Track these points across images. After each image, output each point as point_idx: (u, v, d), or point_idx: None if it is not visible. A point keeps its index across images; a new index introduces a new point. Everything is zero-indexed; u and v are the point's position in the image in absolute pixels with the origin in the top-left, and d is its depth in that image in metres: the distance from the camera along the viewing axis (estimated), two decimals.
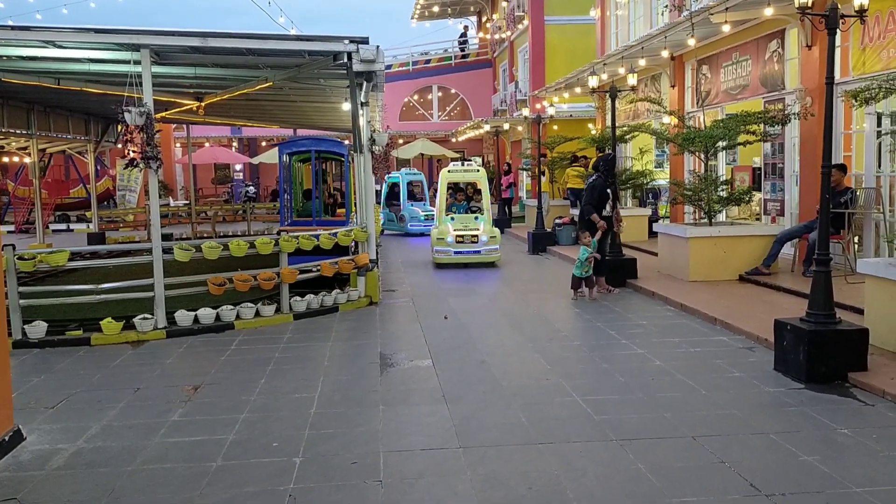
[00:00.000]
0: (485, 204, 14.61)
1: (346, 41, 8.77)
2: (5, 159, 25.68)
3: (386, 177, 22.34)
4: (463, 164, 15.01)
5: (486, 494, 4.21)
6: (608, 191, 10.77)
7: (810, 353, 6.03)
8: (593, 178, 10.90)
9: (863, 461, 4.54)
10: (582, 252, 10.13)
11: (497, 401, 5.92)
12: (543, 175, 18.38)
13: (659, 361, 6.93)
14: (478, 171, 14.87)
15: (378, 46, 8.80)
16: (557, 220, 16.68)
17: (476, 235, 13.44)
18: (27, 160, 20.74)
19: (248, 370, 6.98)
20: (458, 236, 13.40)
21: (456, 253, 13.39)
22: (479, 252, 13.41)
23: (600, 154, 13.50)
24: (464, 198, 16.41)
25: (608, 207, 10.78)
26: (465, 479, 4.42)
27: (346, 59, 8.86)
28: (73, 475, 4.62)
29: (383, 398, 6.03)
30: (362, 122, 9.79)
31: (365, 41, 8.75)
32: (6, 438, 4.97)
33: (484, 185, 14.74)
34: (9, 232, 23.62)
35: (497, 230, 14.05)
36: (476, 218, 14.12)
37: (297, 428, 5.36)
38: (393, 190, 21.66)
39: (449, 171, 14.75)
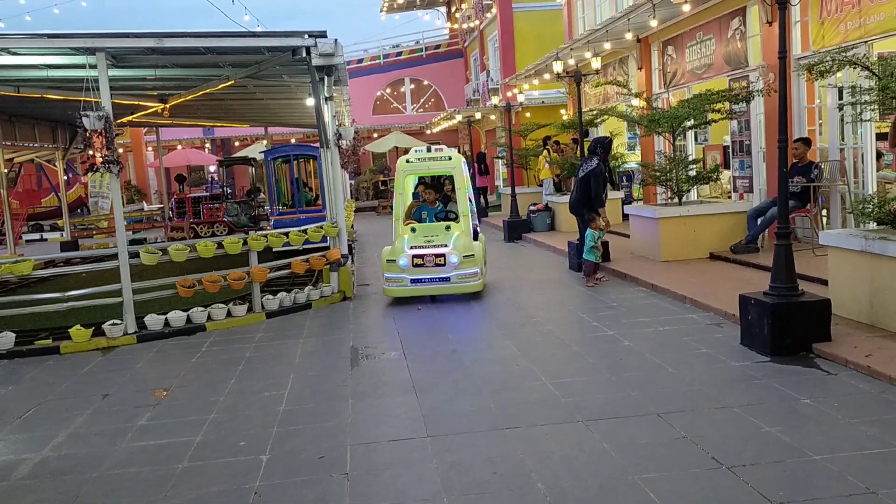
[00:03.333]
0: (461, 206, 10.07)
1: (305, 36, 8.71)
2: None
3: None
4: (430, 150, 10.44)
5: (450, 482, 4.22)
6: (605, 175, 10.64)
7: (774, 325, 6.09)
8: (594, 163, 10.45)
9: (823, 429, 4.60)
10: (591, 236, 9.98)
11: (467, 389, 5.93)
12: (549, 163, 17.80)
13: (628, 342, 6.97)
14: (450, 158, 10.23)
15: (336, 40, 8.75)
16: (532, 207, 16.71)
17: (443, 255, 9.35)
18: None
19: (218, 371, 6.95)
20: (415, 258, 9.38)
21: (413, 282, 9.36)
22: (447, 279, 9.34)
23: (597, 138, 12.95)
24: (437, 197, 10.70)
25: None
26: (430, 468, 4.43)
27: (304, 54, 8.80)
28: (37, 484, 4.59)
29: (353, 392, 6.03)
30: (327, 116, 9.74)
31: (323, 35, 8.70)
32: None
33: (461, 179, 10.21)
34: None
35: (478, 245, 9.72)
36: (448, 228, 9.73)
37: (265, 426, 5.35)
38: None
39: (408, 161, 10.31)
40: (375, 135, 32.75)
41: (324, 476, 4.42)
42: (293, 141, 31.99)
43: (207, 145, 34.77)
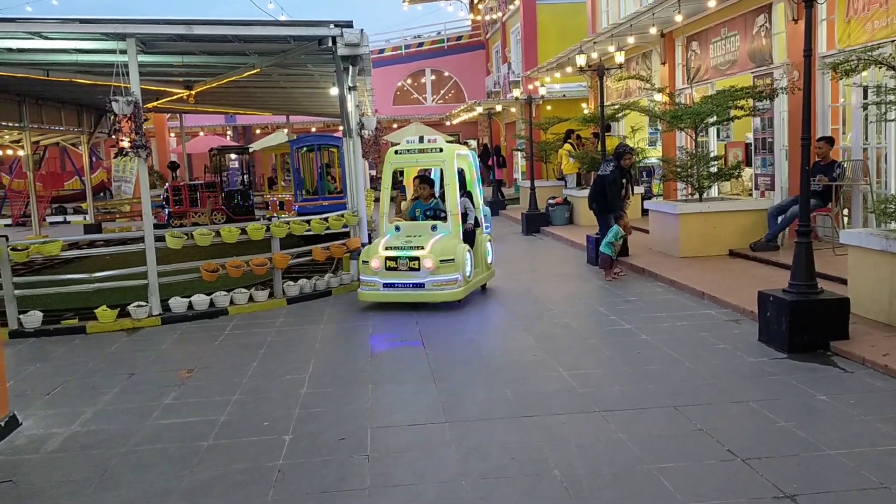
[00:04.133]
0: (450, 204, 8.96)
1: (331, 25, 8.80)
2: None
3: None
4: (422, 140, 9.36)
5: (468, 466, 4.31)
6: (623, 180, 10.71)
7: (792, 323, 6.12)
8: (609, 169, 10.46)
9: (838, 425, 4.65)
10: (614, 232, 10.00)
11: (484, 377, 6.02)
12: (573, 157, 17.76)
13: (645, 336, 7.03)
14: (441, 150, 9.11)
15: (362, 30, 8.83)
16: (550, 201, 16.73)
17: (416, 259, 8.45)
18: (21, 153, 20.77)
19: (241, 354, 7.08)
20: (388, 260, 8.56)
21: (386, 286, 8.56)
22: (421, 286, 8.45)
23: (619, 144, 12.95)
24: (431, 193, 9.63)
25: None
26: (449, 452, 4.52)
27: (330, 44, 8.89)
28: (67, 457, 4.73)
29: (372, 378, 6.13)
30: (350, 106, 9.84)
31: (349, 25, 8.78)
32: (2, 424, 5.07)
33: (451, 173, 9.01)
34: (6, 225, 23.71)
35: (463, 249, 8.67)
36: (434, 228, 8.89)
37: (288, 408, 5.47)
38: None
39: (397, 153, 9.35)
40: (395, 125, 32.84)
41: (345, 457, 4.52)
42: (314, 130, 32.18)
43: (229, 132, 35.04)
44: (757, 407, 5.02)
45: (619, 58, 13.35)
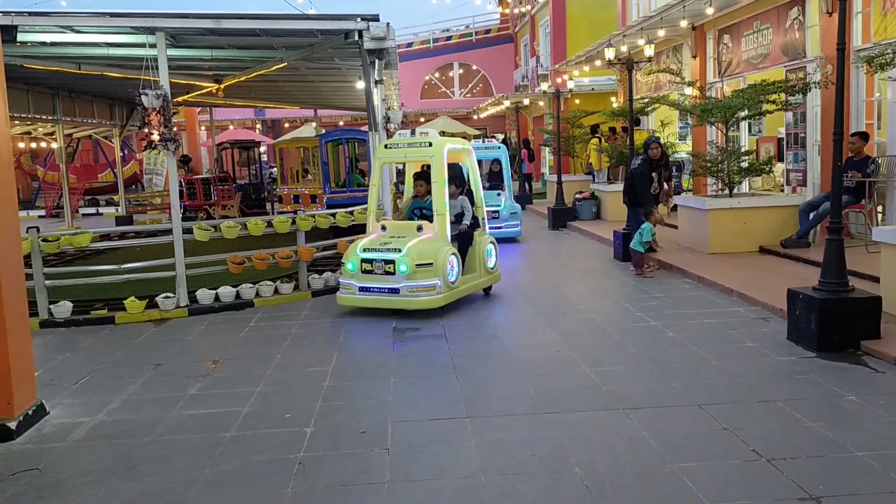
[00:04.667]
0: (437, 203, 8.28)
1: (358, 19, 8.80)
2: (33, 145, 26.12)
3: None
4: (414, 134, 8.75)
5: (489, 461, 4.29)
6: (653, 174, 10.62)
7: (822, 321, 6.01)
8: (637, 162, 10.62)
9: (867, 426, 4.55)
10: (647, 229, 9.93)
11: (506, 373, 5.99)
12: (600, 151, 17.67)
13: (672, 333, 6.95)
14: (430, 144, 8.45)
15: (388, 24, 8.81)
16: (577, 195, 16.62)
17: (392, 262, 7.94)
18: (54, 145, 21.11)
19: (266, 346, 7.12)
20: (364, 262, 8.11)
21: (362, 290, 8.12)
22: (395, 291, 7.94)
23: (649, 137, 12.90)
24: (427, 190, 8.74)
25: (653, 187, 10.68)
26: (469, 447, 4.51)
27: (357, 37, 8.89)
28: (92, 446, 4.79)
29: (395, 371, 6.13)
30: (376, 99, 9.83)
31: (375, 18, 8.78)
32: (29, 412, 5.15)
33: (439, 170, 8.27)
34: (39, 216, 24.12)
35: (446, 252, 8.03)
36: (419, 229, 8.32)
37: (310, 400, 5.49)
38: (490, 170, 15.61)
39: (386, 147, 8.90)
40: (423, 119, 32.80)
41: (365, 450, 4.53)
42: (341, 123, 32.29)
43: (258, 126, 35.29)
44: (784, 406, 4.94)
45: (649, 51, 13.20)
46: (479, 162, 13.97)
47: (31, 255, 8.15)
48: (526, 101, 26.19)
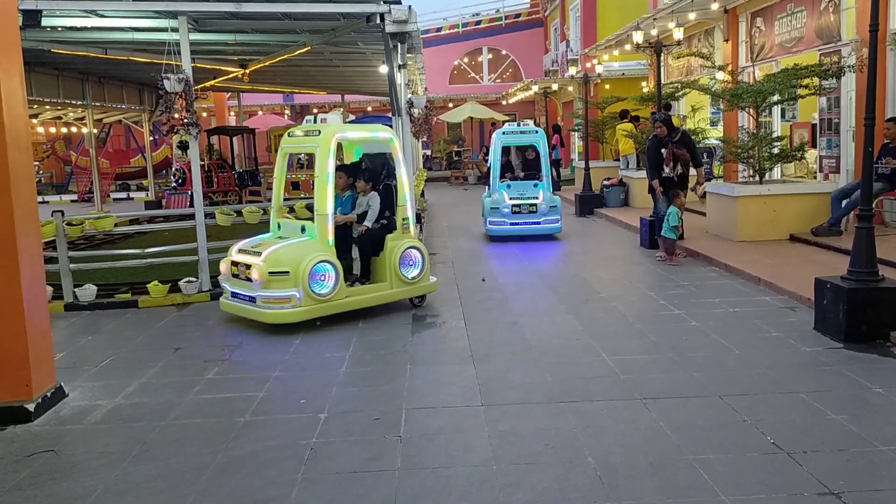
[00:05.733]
0: (318, 200, 7.29)
1: (380, 2, 8.72)
2: (64, 130, 26.46)
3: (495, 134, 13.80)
4: (315, 121, 8.10)
5: (501, 450, 4.24)
6: (663, 151, 10.23)
7: (849, 311, 5.85)
8: (650, 139, 10.51)
9: (893, 420, 4.42)
10: (673, 214, 9.60)
11: (524, 361, 5.92)
12: (629, 136, 17.35)
13: (695, 322, 6.82)
14: (318, 132, 7.44)
15: (410, 6, 8.72)
16: (605, 182, 16.41)
17: (251, 267, 7.09)
18: (85, 130, 21.35)
19: (285, 331, 7.09)
20: (233, 264, 7.41)
21: (233, 295, 7.42)
22: (253, 300, 7.12)
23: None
24: (348, 183, 7.91)
25: (667, 168, 10.14)
26: (482, 436, 4.45)
27: (379, 21, 8.81)
28: (108, 429, 4.83)
29: (412, 358, 6.10)
30: (399, 84, 9.77)
31: (398, 1, 8.68)
32: (48, 395, 5.20)
33: (324, 164, 7.22)
34: (72, 201, 24.47)
35: (311, 260, 6.98)
36: (302, 230, 7.48)
37: (325, 386, 5.47)
38: (509, 160, 13.75)
39: (290, 136, 7.87)
40: (451, 104, 32.66)
41: (377, 437, 4.50)
42: (369, 109, 32.24)
43: (287, 111, 35.35)
44: (807, 398, 4.81)
45: (678, 34, 12.93)
46: (508, 148, 13.06)
47: (56, 238, 8.24)
48: (555, 87, 25.90)
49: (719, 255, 9.60)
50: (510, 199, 12.08)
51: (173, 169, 20.15)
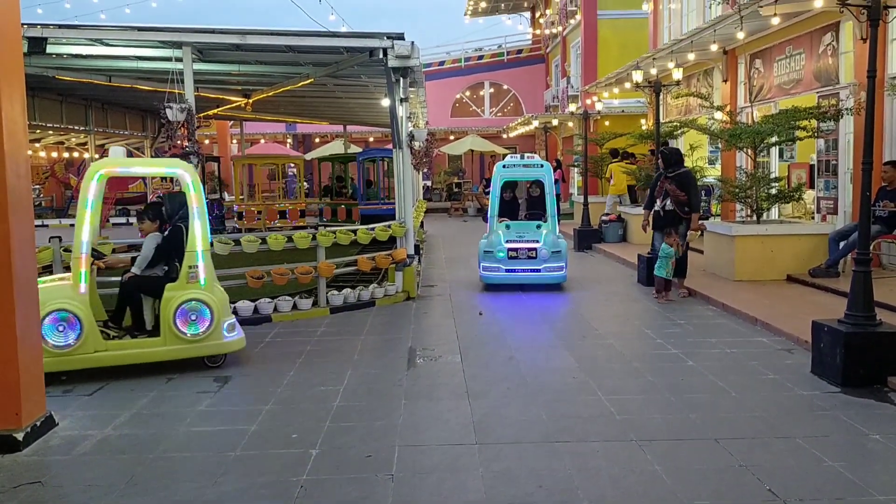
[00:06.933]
0: (76, 238, 6.71)
1: (383, 38, 8.81)
2: (66, 154, 26.57)
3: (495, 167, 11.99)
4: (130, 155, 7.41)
5: (495, 491, 4.18)
6: (658, 184, 10.15)
7: (847, 355, 5.82)
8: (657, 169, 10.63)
9: (891, 468, 4.37)
10: (664, 250, 9.58)
11: (520, 398, 5.87)
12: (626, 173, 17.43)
13: (692, 362, 6.78)
14: (182, 174, 6.97)
15: (413, 42, 8.81)
16: (604, 217, 16.45)
17: None
18: (87, 156, 21.42)
19: (279, 362, 7.07)
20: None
21: None
22: None
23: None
24: (153, 227, 7.35)
25: (658, 202, 10.01)
26: (476, 475, 4.40)
27: (382, 55, 8.90)
28: (97, 461, 4.76)
29: (407, 392, 6.05)
30: (401, 117, 9.83)
31: (401, 37, 8.78)
32: (37, 424, 5.14)
33: (81, 204, 6.72)
34: (71, 225, 24.41)
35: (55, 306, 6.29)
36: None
37: (318, 420, 5.41)
38: (515, 195, 12.96)
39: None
40: (452, 137, 32.87)
41: (369, 475, 4.44)
42: (371, 140, 32.46)
43: (289, 140, 35.56)
44: (804, 444, 4.76)
45: (677, 74, 13.05)
46: (514, 182, 12.11)
47: (52, 264, 8.20)
48: (555, 122, 26.09)
49: (717, 293, 9.59)
50: (506, 241, 10.57)
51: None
